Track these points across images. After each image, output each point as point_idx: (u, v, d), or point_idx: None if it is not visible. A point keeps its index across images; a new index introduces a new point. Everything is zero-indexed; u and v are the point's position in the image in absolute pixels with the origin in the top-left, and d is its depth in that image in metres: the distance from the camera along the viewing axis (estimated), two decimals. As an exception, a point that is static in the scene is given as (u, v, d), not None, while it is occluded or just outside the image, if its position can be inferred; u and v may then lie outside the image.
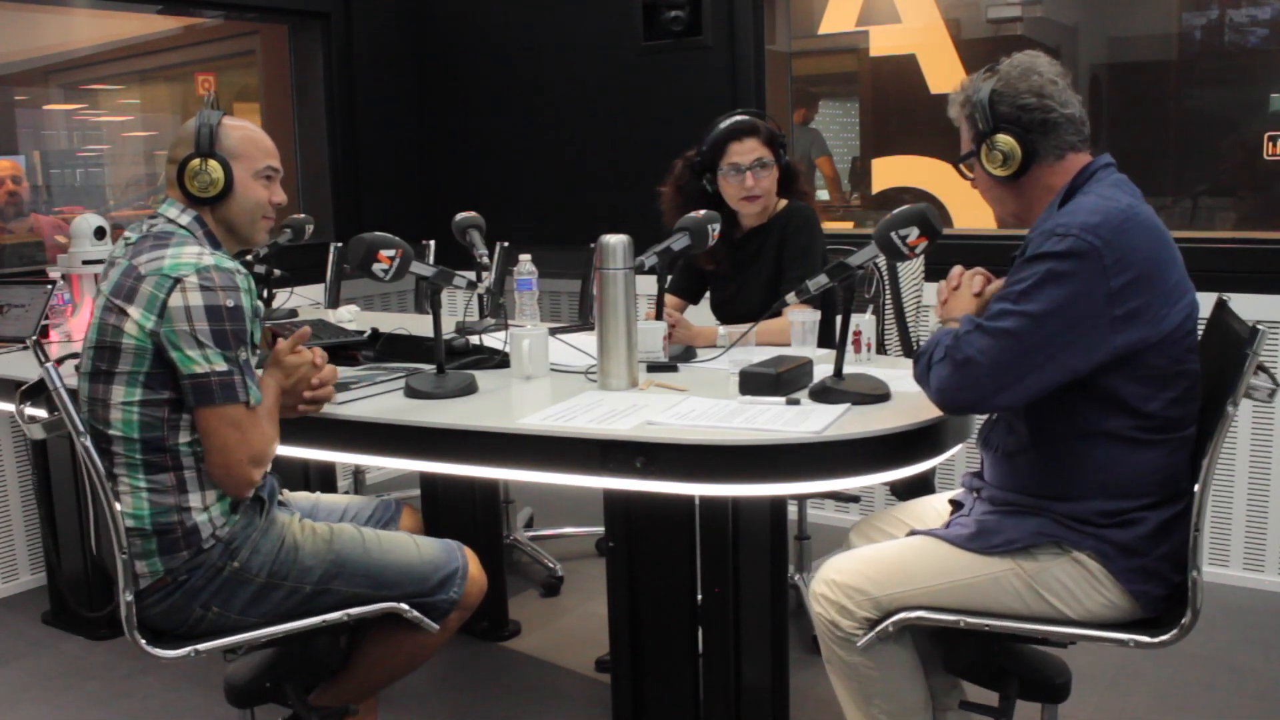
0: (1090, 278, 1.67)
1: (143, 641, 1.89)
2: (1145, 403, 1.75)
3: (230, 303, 1.83)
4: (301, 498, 2.28)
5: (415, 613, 2.01)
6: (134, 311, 1.83)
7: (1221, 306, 1.93)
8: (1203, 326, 1.90)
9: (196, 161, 1.95)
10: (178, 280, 1.82)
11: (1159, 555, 1.79)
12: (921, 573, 1.86)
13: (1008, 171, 1.83)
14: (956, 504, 2.05)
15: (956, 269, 2.00)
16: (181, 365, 1.82)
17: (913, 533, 1.99)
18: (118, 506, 1.86)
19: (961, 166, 1.96)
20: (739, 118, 2.83)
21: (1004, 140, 1.82)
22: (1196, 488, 1.75)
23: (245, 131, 2.01)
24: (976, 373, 1.72)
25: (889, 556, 1.92)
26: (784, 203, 2.88)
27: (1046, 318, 1.68)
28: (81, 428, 1.86)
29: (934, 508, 2.13)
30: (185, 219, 1.97)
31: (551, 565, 3.53)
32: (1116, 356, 1.71)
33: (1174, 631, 1.77)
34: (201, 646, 1.92)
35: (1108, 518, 1.79)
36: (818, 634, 1.94)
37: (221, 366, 1.82)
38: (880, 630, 1.85)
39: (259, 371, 1.96)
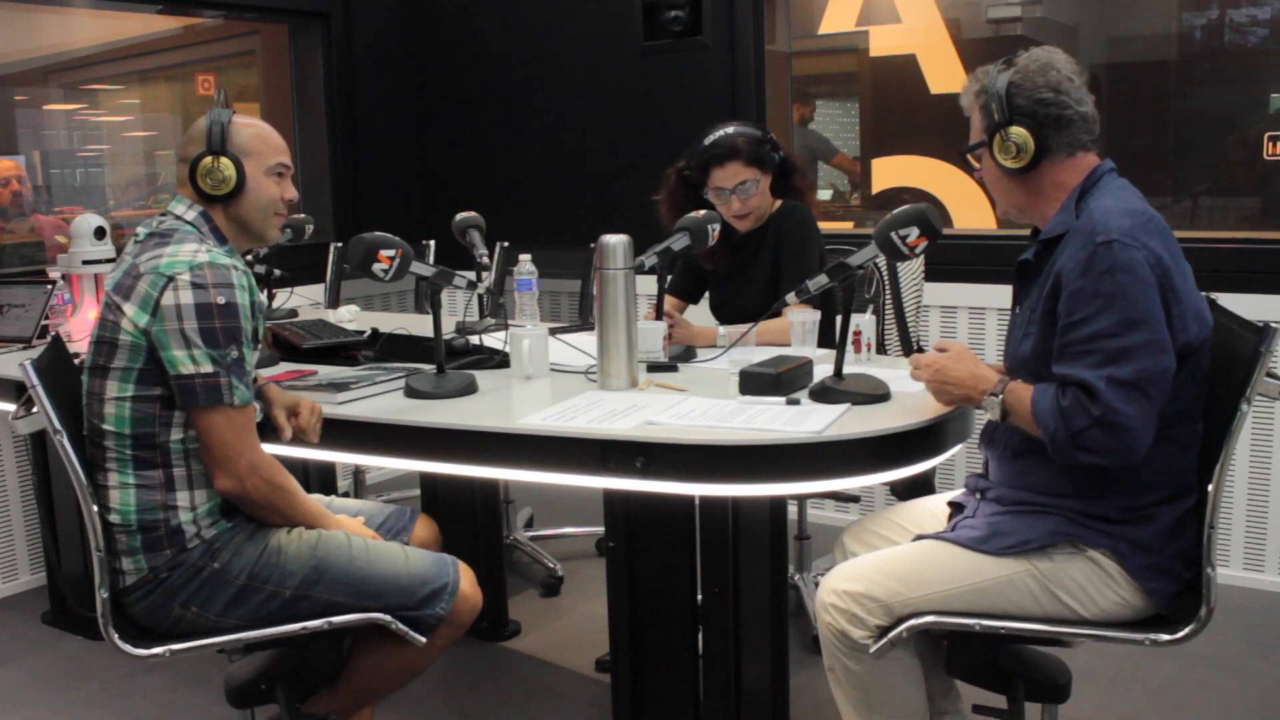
0: (1149, 278, 1.68)
1: (115, 637, 1.89)
2: (1172, 401, 1.74)
3: (222, 300, 1.83)
4: (315, 501, 2.26)
5: (399, 625, 1.97)
6: (129, 309, 1.84)
7: (1212, 305, 1.92)
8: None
9: (209, 159, 1.95)
10: (171, 278, 1.83)
11: (1171, 552, 1.79)
12: (934, 577, 1.84)
13: (1019, 164, 1.83)
14: (956, 506, 2.04)
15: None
16: (169, 365, 1.83)
17: (919, 537, 1.96)
18: (94, 506, 1.86)
19: (969, 156, 1.96)
20: (719, 138, 2.77)
21: (1018, 132, 1.82)
22: (1210, 487, 1.75)
23: (256, 129, 2.02)
24: (1145, 419, 1.68)
25: (899, 562, 1.89)
26: (779, 203, 2.88)
27: (1159, 330, 1.68)
28: (58, 425, 1.85)
29: (930, 510, 2.12)
30: (191, 215, 1.98)
31: (551, 565, 3.53)
32: (1180, 355, 1.71)
33: (1190, 627, 1.77)
34: (176, 647, 1.91)
35: (1125, 513, 1.79)
36: (822, 645, 1.92)
37: (207, 368, 1.82)
38: (894, 636, 1.82)
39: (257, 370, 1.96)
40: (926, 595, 1.83)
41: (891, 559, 1.91)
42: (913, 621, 1.82)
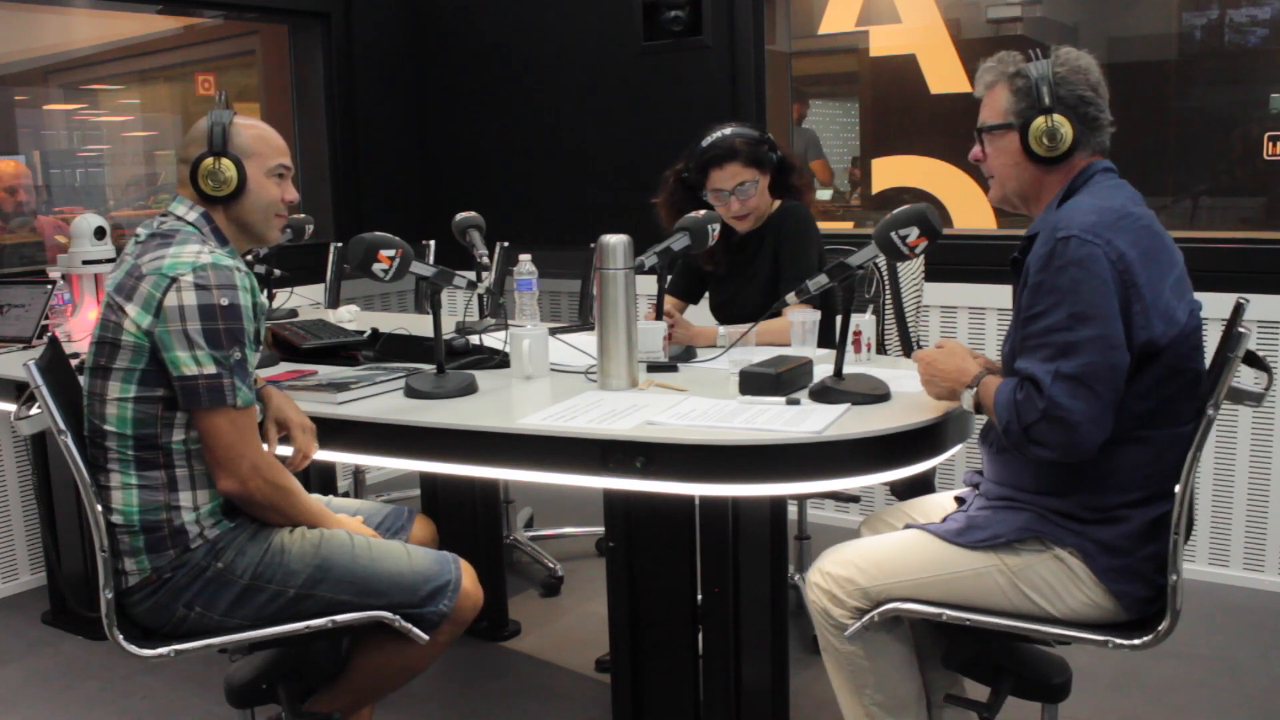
0: (1105, 275, 1.68)
1: (120, 638, 1.89)
2: (1140, 401, 1.75)
3: (225, 301, 1.83)
4: (316, 501, 2.26)
5: (403, 622, 1.97)
6: (131, 309, 1.84)
7: (1238, 310, 1.92)
8: (1210, 326, 1.90)
9: (210, 160, 1.95)
10: (174, 279, 1.83)
11: (1143, 555, 1.78)
12: (909, 565, 1.88)
13: (1050, 154, 1.83)
14: (960, 501, 2.06)
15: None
16: (172, 367, 1.83)
17: (908, 526, 2.00)
18: (99, 507, 1.86)
19: (986, 135, 1.91)
20: (717, 139, 2.78)
21: (1061, 121, 1.81)
22: (1178, 488, 1.73)
23: (257, 130, 2.03)
24: (1092, 414, 1.68)
25: (881, 548, 1.94)
26: (778, 203, 2.88)
27: (1111, 325, 1.68)
28: (63, 425, 1.85)
29: (940, 504, 2.14)
30: (192, 216, 1.98)
31: (551, 565, 3.53)
32: (1141, 353, 1.71)
33: (1150, 636, 1.76)
34: (181, 647, 1.91)
35: (1093, 513, 1.79)
36: (814, 624, 1.97)
37: (210, 369, 1.82)
38: (867, 620, 1.87)
39: (257, 372, 1.96)
40: (900, 582, 1.87)
41: (875, 545, 1.96)
42: (887, 607, 1.86)
